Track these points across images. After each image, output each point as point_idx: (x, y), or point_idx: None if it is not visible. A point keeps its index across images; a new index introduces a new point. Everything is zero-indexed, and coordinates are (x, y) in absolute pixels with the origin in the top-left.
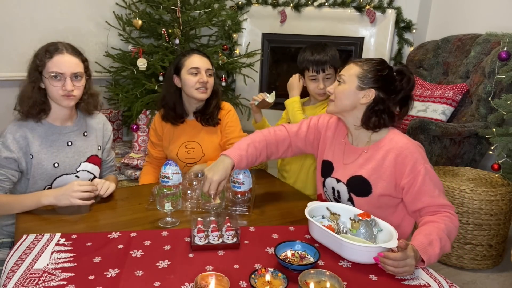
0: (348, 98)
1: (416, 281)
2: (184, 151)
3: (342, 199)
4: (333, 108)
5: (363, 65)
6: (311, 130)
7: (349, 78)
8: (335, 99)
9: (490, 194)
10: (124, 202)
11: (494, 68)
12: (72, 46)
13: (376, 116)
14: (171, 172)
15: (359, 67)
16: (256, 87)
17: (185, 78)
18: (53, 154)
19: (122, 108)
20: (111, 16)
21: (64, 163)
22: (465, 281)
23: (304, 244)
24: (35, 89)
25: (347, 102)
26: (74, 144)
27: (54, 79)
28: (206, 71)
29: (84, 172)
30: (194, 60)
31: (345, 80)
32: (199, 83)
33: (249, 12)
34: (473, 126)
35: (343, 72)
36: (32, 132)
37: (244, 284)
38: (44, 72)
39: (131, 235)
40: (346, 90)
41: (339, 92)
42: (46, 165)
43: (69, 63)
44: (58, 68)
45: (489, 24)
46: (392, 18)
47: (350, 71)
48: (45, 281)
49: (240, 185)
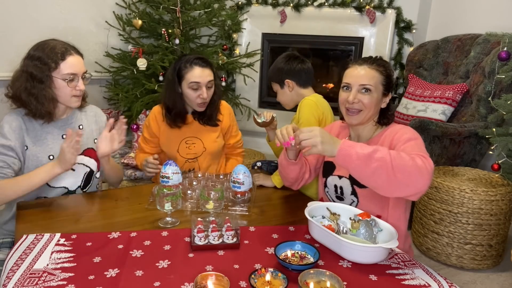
0: (376, 106)
1: (416, 281)
2: (185, 147)
3: (345, 194)
4: (361, 118)
5: (381, 71)
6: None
7: (376, 87)
8: (364, 108)
9: (490, 194)
10: (124, 202)
11: (494, 68)
12: (71, 44)
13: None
14: (171, 172)
15: (380, 74)
16: (256, 87)
17: (186, 92)
18: (48, 146)
19: (122, 108)
20: (111, 16)
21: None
22: (465, 281)
23: (304, 244)
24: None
25: (375, 110)
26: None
27: (70, 81)
28: (207, 84)
29: (80, 165)
30: (195, 73)
31: (372, 89)
32: (200, 98)
33: (249, 12)
34: (473, 126)
35: (366, 81)
36: (27, 124)
37: (244, 284)
38: (56, 73)
39: (131, 235)
40: (375, 99)
41: (368, 102)
42: (41, 157)
43: (79, 63)
44: (73, 70)
45: (489, 24)
46: (392, 18)
47: (374, 78)
48: (45, 281)
49: (240, 185)
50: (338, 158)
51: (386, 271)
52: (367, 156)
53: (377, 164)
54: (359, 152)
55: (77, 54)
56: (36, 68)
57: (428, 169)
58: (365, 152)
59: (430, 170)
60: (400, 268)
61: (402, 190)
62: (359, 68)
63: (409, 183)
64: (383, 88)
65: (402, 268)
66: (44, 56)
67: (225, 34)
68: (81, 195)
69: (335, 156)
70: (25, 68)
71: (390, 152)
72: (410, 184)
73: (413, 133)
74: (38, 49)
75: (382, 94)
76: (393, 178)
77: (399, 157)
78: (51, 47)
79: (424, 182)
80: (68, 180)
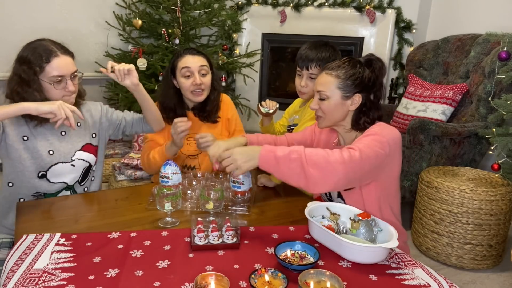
0: (337, 111)
1: (416, 281)
2: (186, 143)
3: (333, 197)
4: (326, 123)
5: (338, 74)
6: (310, 135)
7: (331, 92)
8: (323, 115)
9: (490, 194)
10: (124, 202)
11: (494, 68)
12: (60, 43)
13: (365, 115)
14: (171, 172)
15: (335, 78)
16: (256, 87)
17: (180, 81)
18: (48, 141)
19: (122, 108)
20: (111, 16)
21: (59, 151)
22: (465, 281)
23: (304, 244)
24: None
25: (338, 114)
26: (68, 133)
27: (57, 83)
28: (200, 70)
29: (79, 160)
30: (185, 60)
31: (327, 95)
32: (193, 85)
33: (249, 12)
34: (473, 126)
35: (321, 88)
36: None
37: (244, 284)
38: (43, 76)
39: (131, 235)
40: (332, 104)
41: (325, 108)
42: (42, 151)
43: (67, 64)
44: (59, 72)
45: (489, 24)
46: (392, 18)
47: (328, 84)
48: (45, 281)
49: (240, 185)
50: (260, 164)
51: (386, 271)
52: (284, 157)
53: (294, 164)
54: (277, 155)
55: (65, 54)
56: (24, 72)
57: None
58: (283, 154)
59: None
60: (400, 268)
61: (321, 185)
62: (319, 75)
63: (324, 177)
64: (342, 91)
65: (402, 268)
66: (31, 59)
67: (225, 34)
68: (81, 195)
69: (258, 163)
70: (15, 71)
71: (307, 150)
72: (325, 178)
73: (380, 129)
74: (26, 51)
75: (342, 98)
76: (309, 174)
77: (314, 154)
78: (37, 49)
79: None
80: (68, 176)
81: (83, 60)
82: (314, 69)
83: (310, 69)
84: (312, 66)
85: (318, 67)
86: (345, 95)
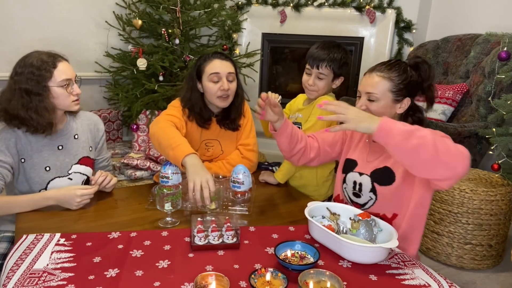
0: (385, 113)
1: (416, 281)
2: (204, 148)
3: (363, 191)
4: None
5: (391, 77)
6: (341, 135)
7: (382, 95)
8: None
9: (490, 194)
10: (124, 202)
11: (494, 68)
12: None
13: (411, 117)
14: (171, 172)
15: (388, 81)
16: (256, 87)
17: (206, 86)
18: (44, 158)
19: (122, 108)
20: (111, 16)
21: (55, 166)
22: (465, 281)
23: (304, 244)
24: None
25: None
26: (65, 147)
27: (66, 86)
28: (228, 76)
29: (76, 174)
30: (214, 65)
31: (378, 97)
32: (220, 90)
33: (249, 12)
34: (473, 126)
35: (372, 89)
36: (23, 140)
37: (244, 284)
38: (52, 83)
39: (131, 235)
40: (381, 107)
41: (374, 110)
42: (38, 168)
43: (70, 68)
44: (66, 75)
45: (489, 24)
46: (392, 18)
47: (379, 86)
48: (45, 281)
49: (240, 185)
50: (379, 132)
51: (386, 271)
52: (409, 132)
53: (418, 141)
54: (400, 128)
55: (64, 60)
56: (30, 82)
57: (467, 155)
58: (407, 128)
59: (468, 156)
60: (400, 268)
61: (439, 171)
62: (367, 75)
63: (449, 165)
64: (393, 95)
65: (402, 268)
66: (35, 68)
67: (225, 34)
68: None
69: (374, 131)
70: (17, 86)
71: (432, 131)
72: (450, 166)
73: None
74: (25, 64)
75: (393, 101)
76: (435, 157)
77: (440, 139)
78: (39, 58)
79: (464, 166)
80: None
81: (83, 60)
82: (325, 69)
83: (320, 68)
84: (323, 66)
85: (329, 67)
86: (396, 98)
